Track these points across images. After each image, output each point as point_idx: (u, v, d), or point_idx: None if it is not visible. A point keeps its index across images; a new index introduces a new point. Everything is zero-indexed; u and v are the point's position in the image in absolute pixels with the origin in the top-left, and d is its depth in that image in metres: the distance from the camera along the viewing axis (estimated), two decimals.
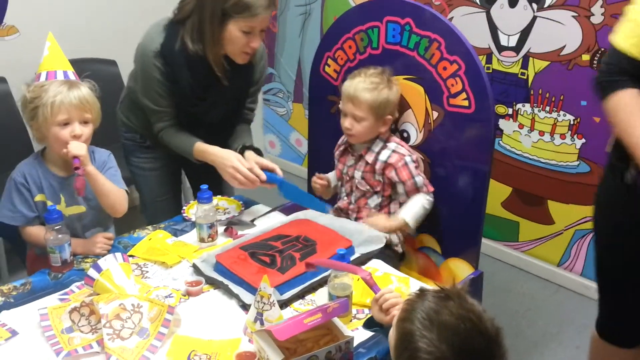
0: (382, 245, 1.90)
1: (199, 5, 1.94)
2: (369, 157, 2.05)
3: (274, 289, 1.59)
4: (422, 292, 1.17)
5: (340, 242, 1.84)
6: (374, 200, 2.10)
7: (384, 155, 2.04)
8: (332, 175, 2.24)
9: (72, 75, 1.85)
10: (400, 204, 2.08)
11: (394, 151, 2.04)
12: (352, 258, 1.78)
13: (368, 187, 2.08)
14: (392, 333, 1.18)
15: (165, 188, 2.35)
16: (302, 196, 2.11)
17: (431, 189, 2.05)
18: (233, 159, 2.01)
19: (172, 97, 2.08)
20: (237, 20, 1.92)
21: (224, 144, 2.14)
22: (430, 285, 1.82)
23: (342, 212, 2.17)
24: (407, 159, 2.02)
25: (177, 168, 2.39)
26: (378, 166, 2.04)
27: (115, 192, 1.89)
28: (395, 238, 2.09)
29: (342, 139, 2.19)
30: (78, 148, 1.76)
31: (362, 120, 2.01)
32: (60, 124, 1.77)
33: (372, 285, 1.45)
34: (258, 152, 2.13)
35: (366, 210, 2.10)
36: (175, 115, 2.12)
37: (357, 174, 2.09)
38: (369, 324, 1.47)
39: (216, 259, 1.75)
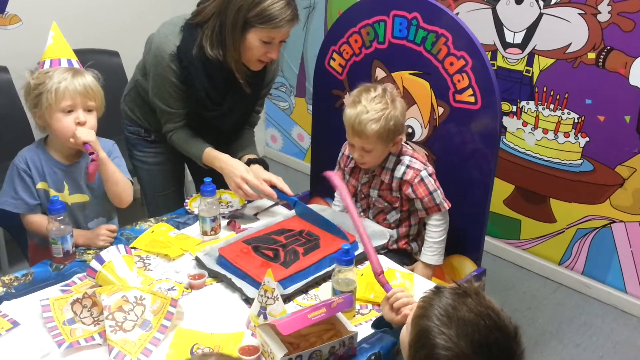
0: (385, 240, 1.89)
1: (221, 11, 1.90)
2: (385, 177, 1.97)
3: (278, 283, 1.58)
4: (438, 289, 1.15)
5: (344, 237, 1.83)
6: (393, 216, 2.03)
7: (398, 172, 1.95)
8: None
9: (75, 64, 1.84)
10: (420, 219, 2.04)
11: (408, 166, 1.95)
12: (355, 253, 1.77)
13: (386, 204, 2.02)
14: (405, 331, 1.18)
15: (168, 182, 2.33)
16: (317, 219, 1.95)
17: (448, 204, 1.98)
18: (242, 169, 2.00)
19: (185, 101, 2.05)
20: (258, 30, 1.89)
21: (229, 147, 2.14)
22: (433, 282, 1.82)
23: None
24: (423, 174, 1.94)
25: (181, 163, 2.37)
26: (394, 184, 1.97)
27: (123, 181, 1.89)
28: (415, 246, 2.08)
29: (348, 150, 2.09)
30: (87, 134, 1.75)
31: (371, 150, 1.91)
32: (64, 110, 1.76)
33: (384, 283, 1.43)
34: (264, 165, 2.11)
35: (384, 226, 2.04)
36: (185, 117, 2.10)
37: (374, 193, 2.02)
38: (378, 323, 1.45)
39: (219, 252, 1.74)
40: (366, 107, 1.86)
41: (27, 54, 2.26)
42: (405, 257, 2.07)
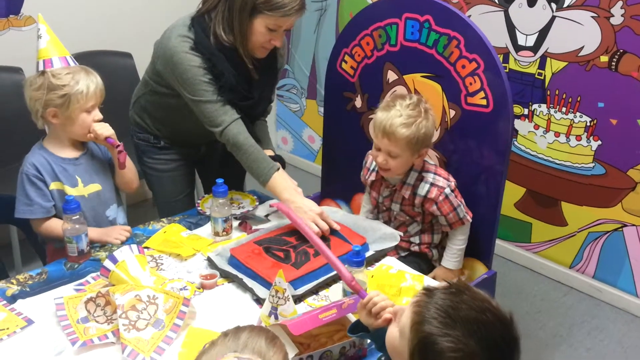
0: (396, 242, 1.90)
1: None
2: (406, 192, 1.96)
3: (289, 284, 1.59)
4: (428, 290, 1.10)
5: (354, 239, 1.84)
6: (414, 228, 2.03)
7: (422, 190, 1.94)
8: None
9: (74, 61, 1.89)
10: (442, 232, 2.05)
11: (432, 184, 1.94)
12: (366, 254, 1.78)
13: (407, 218, 2.02)
14: (395, 336, 1.13)
15: (179, 189, 2.31)
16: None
17: (470, 216, 1.99)
18: (315, 210, 1.90)
19: (223, 92, 1.98)
20: (266, 17, 1.88)
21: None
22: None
23: None
24: (447, 191, 1.93)
25: (191, 168, 2.36)
26: (417, 201, 1.96)
27: (133, 167, 2.00)
28: (435, 253, 2.09)
29: (370, 162, 2.09)
30: (107, 129, 1.87)
31: (397, 156, 1.89)
32: (89, 110, 1.85)
33: (358, 290, 1.36)
34: (282, 161, 2.07)
35: (406, 237, 2.04)
36: (236, 111, 2.00)
37: (395, 207, 2.01)
38: (354, 329, 1.34)
39: (230, 252, 1.76)
40: (400, 112, 1.87)
41: None
42: (424, 262, 2.08)
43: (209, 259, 1.77)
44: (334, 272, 1.71)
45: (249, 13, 1.89)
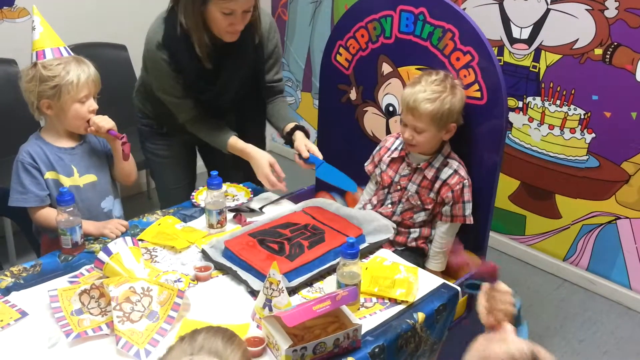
0: (391, 234, 1.90)
1: None
2: (429, 173, 1.97)
3: (283, 276, 1.59)
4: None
5: (350, 230, 1.84)
6: (420, 217, 2.03)
7: (444, 174, 1.95)
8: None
9: (68, 51, 1.89)
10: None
11: (455, 171, 1.95)
12: (361, 247, 1.78)
13: (419, 203, 2.01)
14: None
15: (180, 175, 2.35)
16: (334, 174, 2.04)
17: (471, 221, 2.00)
18: (264, 166, 2.05)
19: (186, 87, 2.06)
20: (215, 2, 1.87)
21: (255, 122, 2.21)
22: (438, 277, 1.82)
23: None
24: (466, 182, 1.95)
25: (193, 156, 2.40)
26: (437, 185, 1.96)
27: (133, 160, 1.99)
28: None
29: (392, 141, 2.10)
30: (107, 121, 1.88)
31: (423, 131, 1.91)
32: (81, 100, 1.84)
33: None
34: (305, 132, 2.15)
35: (408, 224, 2.04)
36: (197, 105, 2.12)
37: (412, 187, 2.01)
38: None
39: (225, 245, 1.76)
40: (424, 87, 1.89)
41: None
42: (420, 256, 2.08)
43: (203, 252, 1.77)
44: (328, 264, 1.72)
45: (200, 1, 1.89)
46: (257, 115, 2.26)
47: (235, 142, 2.11)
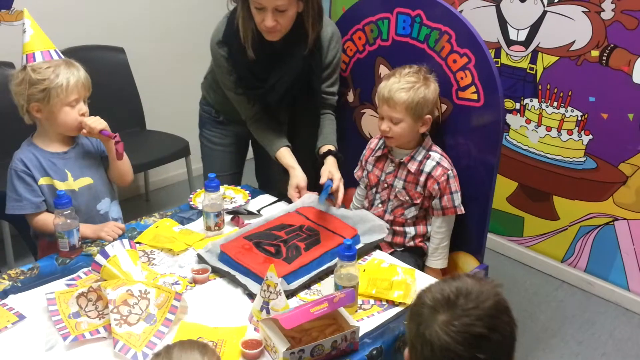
0: (384, 234, 1.91)
1: None
2: (412, 166, 1.99)
3: (282, 279, 1.60)
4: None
5: (345, 231, 1.85)
6: (411, 212, 2.04)
7: (427, 167, 1.97)
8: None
9: (59, 54, 1.88)
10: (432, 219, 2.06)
11: (438, 163, 1.97)
12: (357, 247, 1.79)
13: (407, 198, 2.02)
14: None
15: (227, 165, 2.42)
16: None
17: (462, 210, 2.01)
18: (292, 186, 2.08)
19: (237, 82, 2.12)
20: None
21: (307, 132, 2.22)
22: (436, 278, 1.82)
23: None
24: (450, 173, 1.97)
25: (244, 149, 2.47)
26: (422, 178, 1.98)
27: (128, 161, 2.00)
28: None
29: (376, 142, 2.12)
30: (99, 122, 1.86)
31: (399, 122, 1.94)
32: (71, 104, 1.83)
33: None
34: (338, 158, 2.14)
35: (401, 221, 2.06)
36: (252, 103, 2.17)
37: (398, 183, 2.03)
38: None
39: (221, 249, 1.75)
40: (398, 79, 1.94)
41: None
42: (419, 256, 2.09)
43: (199, 256, 1.77)
44: (326, 266, 1.72)
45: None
46: (310, 126, 2.25)
47: (284, 154, 2.14)
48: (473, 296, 1.04)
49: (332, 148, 2.16)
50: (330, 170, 2.05)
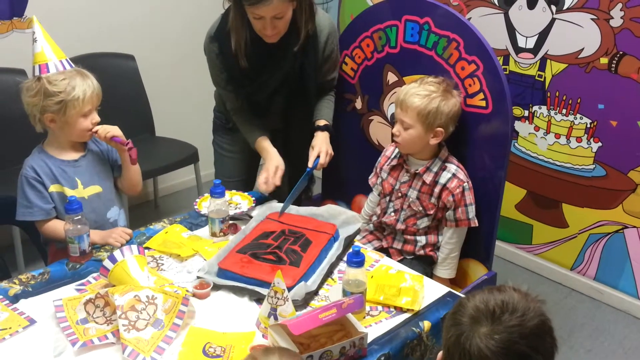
0: (360, 223, 1.93)
1: None
2: (427, 177, 1.98)
3: (303, 282, 1.61)
4: None
5: (324, 227, 1.87)
6: (424, 222, 2.04)
7: (443, 178, 1.97)
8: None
9: (70, 64, 1.89)
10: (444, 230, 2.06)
11: (454, 175, 1.97)
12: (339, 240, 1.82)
13: (421, 209, 2.02)
14: None
15: (237, 171, 2.46)
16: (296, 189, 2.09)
17: (476, 223, 2.01)
18: (268, 168, 2.12)
19: (228, 80, 2.17)
20: (247, 7, 1.95)
21: (302, 130, 2.25)
22: (444, 285, 1.82)
23: (388, 227, 2.11)
24: (466, 185, 1.97)
25: (256, 155, 2.45)
26: (437, 189, 1.98)
27: (139, 170, 2.01)
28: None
29: (392, 150, 2.13)
30: (113, 129, 1.89)
31: (409, 127, 1.94)
32: (85, 114, 1.86)
33: None
34: (330, 132, 2.19)
35: (412, 231, 2.06)
36: (239, 98, 2.22)
37: (412, 193, 2.02)
38: None
39: (220, 267, 1.70)
40: (418, 85, 1.95)
41: None
42: (428, 265, 2.09)
43: (199, 278, 1.70)
44: (327, 259, 1.74)
45: (238, 5, 1.98)
46: (304, 125, 2.27)
47: (261, 141, 2.20)
48: (519, 313, 1.02)
49: (324, 122, 2.21)
50: (319, 145, 2.12)
